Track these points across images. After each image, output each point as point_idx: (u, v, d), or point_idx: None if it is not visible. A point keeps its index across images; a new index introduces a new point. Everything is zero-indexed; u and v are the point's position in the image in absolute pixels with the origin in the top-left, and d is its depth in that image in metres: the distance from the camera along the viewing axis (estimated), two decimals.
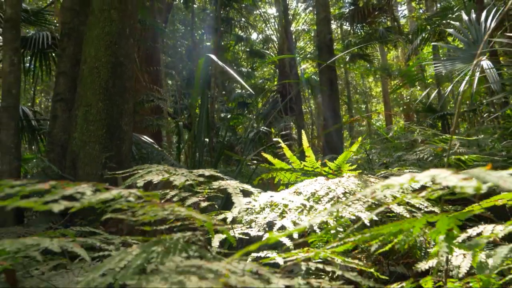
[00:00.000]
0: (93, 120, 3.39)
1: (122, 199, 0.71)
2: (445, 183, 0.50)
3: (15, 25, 3.29)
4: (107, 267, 0.72)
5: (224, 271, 0.59)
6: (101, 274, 0.72)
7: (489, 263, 1.11)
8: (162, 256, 0.70)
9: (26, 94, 12.28)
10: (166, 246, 0.73)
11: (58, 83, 3.88)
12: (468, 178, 0.48)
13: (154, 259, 0.70)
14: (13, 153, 3.14)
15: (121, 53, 3.66)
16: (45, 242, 0.74)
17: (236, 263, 0.65)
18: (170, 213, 0.70)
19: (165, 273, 0.59)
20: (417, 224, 0.79)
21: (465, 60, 2.84)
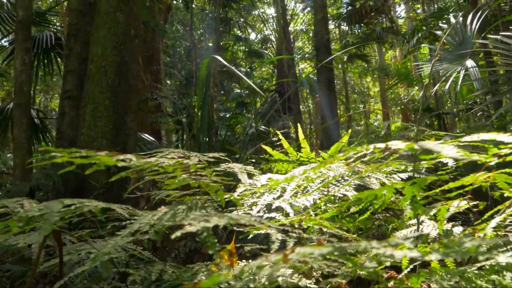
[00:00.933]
0: (101, 117, 3.60)
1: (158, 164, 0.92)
2: (394, 147, 0.71)
3: (26, 26, 3.49)
4: (144, 221, 0.93)
5: (236, 216, 0.80)
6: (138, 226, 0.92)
7: (454, 230, 1.32)
8: (186, 211, 0.91)
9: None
10: (189, 205, 0.94)
11: (65, 82, 4.08)
12: (409, 144, 0.69)
13: (179, 214, 0.91)
14: (25, 148, 3.33)
15: (126, 53, 3.87)
16: (91, 203, 0.95)
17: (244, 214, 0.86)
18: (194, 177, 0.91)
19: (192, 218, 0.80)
20: (388, 189, 1.00)
21: (452, 60, 3.07)
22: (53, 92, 15.37)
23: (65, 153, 0.74)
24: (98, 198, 1.26)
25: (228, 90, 14.33)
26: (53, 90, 15.15)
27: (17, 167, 3.31)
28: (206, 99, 3.64)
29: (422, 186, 1.00)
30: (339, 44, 14.17)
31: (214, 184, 1.00)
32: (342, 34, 14.81)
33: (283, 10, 11.90)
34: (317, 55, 9.04)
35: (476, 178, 1.14)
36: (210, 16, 13.28)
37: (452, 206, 1.36)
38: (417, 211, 1.02)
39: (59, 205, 0.80)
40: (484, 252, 1.20)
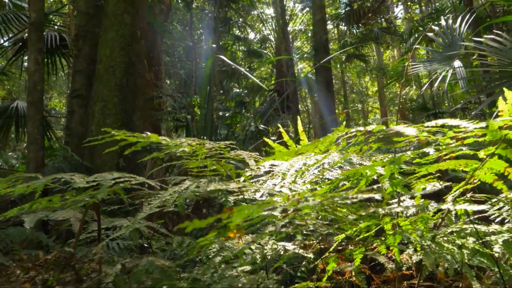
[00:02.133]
0: (109, 114, 3.83)
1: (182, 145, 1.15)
2: (369, 129, 0.94)
3: (39, 27, 3.72)
4: (172, 191, 1.17)
5: (248, 185, 1.04)
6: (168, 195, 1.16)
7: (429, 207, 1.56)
8: (207, 183, 1.14)
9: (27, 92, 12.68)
10: (209, 179, 1.18)
11: (74, 81, 4.31)
12: (379, 126, 0.93)
13: (202, 185, 1.14)
14: (39, 143, 3.56)
15: (133, 54, 4.11)
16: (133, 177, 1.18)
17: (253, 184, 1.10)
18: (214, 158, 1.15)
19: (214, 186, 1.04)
20: (371, 168, 1.24)
21: (441, 61, 3.31)
22: (52, 92, 15.57)
23: (121, 133, 0.98)
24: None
25: (228, 90, 14.55)
26: (53, 89, 15.34)
27: (31, 161, 3.53)
28: (209, 98, 3.88)
29: (398, 165, 1.23)
30: (338, 44, 14.43)
31: (228, 164, 1.23)
32: (340, 34, 15.06)
33: (282, 10, 12.15)
34: (316, 55, 9.29)
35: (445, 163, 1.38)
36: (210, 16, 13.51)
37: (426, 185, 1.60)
38: (396, 187, 1.26)
39: (111, 176, 1.03)
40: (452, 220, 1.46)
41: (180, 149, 1.18)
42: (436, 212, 1.49)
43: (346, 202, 0.85)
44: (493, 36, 2.72)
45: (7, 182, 1.11)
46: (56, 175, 1.15)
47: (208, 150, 1.21)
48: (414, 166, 1.39)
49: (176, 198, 1.27)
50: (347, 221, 1.11)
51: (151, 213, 1.20)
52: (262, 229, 1.03)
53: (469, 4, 6.95)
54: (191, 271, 1.33)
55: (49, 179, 1.11)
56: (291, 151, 1.64)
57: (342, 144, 1.32)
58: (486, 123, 1.05)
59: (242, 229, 1.67)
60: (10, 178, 1.12)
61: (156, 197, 1.28)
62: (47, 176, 1.13)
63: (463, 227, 1.34)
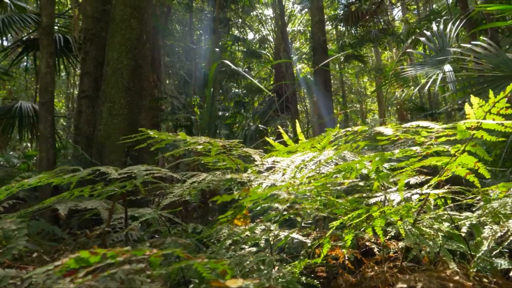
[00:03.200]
0: (117, 115, 4.04)
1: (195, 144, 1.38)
2: (356, 129, 1.17)
3: (50, 32, 3.93)
4: (191, 182, 1.40)
5: (255, 176, 1.27)
6: (187, 186, 1.38)
7: (413, 197, 1.79)
8: (221, 174, 1.37)
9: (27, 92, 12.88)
10: (223, 172, 1.40)
11: (82, 82, 4.52)
12: (362, 127, 1.16)
13: (217, 176, 1.37)
14: (50, 142, 3.77)
15: (139, 57, 4.32)
16: (153, 169, 1.41)
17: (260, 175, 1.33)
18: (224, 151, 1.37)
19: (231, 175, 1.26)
20: (360, 162, 1.47)
21: (432, 64, 3.55)
22: None
23: (154, 131, 1.20)
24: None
25: (227, 90, 14.77)
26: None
27: (43, 160, 3.75)
28: (213, 101, 4.10)
29: (383, 160, 1.46)
30: (336, 45, 14.67)
31: (237, 159, 1.46)
32: (339, 34, 15.30)
33: (281, 11, 12.38)
34: (314, 56, 9.51)
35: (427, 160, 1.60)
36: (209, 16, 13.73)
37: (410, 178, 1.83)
38: (381, 179, 1.49)
39: (143, 168, 1.25)
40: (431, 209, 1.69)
41: (196, 146, 1.40)
42: (418, 201, 1.73)
43: (336, 188, 1.08)
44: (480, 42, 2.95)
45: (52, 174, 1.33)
46: (93, 168, 1.37)
47: (222, 147, 1.44)
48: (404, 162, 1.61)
49: (191, 190, 1.50)
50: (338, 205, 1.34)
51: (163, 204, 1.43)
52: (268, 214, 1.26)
53: (464, 7, 7.20)
54: (206, 251, 1.56)
55: (88, 171, 1.33)
56: (291, 147, 1.86)
57: (334, 142, 1.54)
58: (453, 125, 1.28)
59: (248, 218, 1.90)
60: (55, 170, 1.34)
61: (175, 188, 1.50)
62: (87, 169, 1.35)
63: (439, 214, 1.57)
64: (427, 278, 1.08)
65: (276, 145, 2.71)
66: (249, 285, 0.76)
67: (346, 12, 11.62)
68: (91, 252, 0.75)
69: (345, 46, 13.37)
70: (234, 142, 1.54)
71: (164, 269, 0.78)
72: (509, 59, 2.78)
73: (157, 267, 0.78)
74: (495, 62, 2.77)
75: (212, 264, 0.82)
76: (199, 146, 1.47)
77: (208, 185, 1.39)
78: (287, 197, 1.10)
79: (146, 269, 0.74)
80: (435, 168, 2.53)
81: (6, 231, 0.97)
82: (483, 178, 2.59)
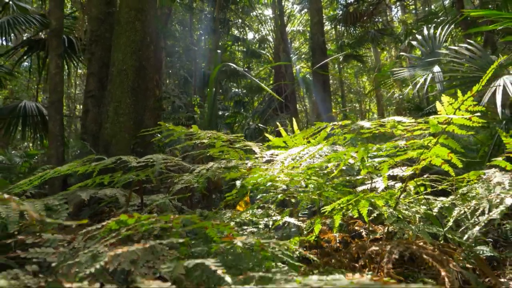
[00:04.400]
0: (123, 114, 4.27)
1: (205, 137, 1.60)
2: (341, 124, 1.40)
3: (58, 34, 4.16)
4: (198, 171, 1.62)
5: (258, 162, 1.50)
6: (194, 177, 1.61)
7: (396, 186, 2.02)
8: (226, 163, 1.59)
9: (29, 92, 13.10)
10: (227, 161, 1.63)
11: (88, 82, 4.75)
12: (345, 121, 1.38)
13: (223, 163, 1.59)
14: (59, 140, 4.00)
15: (143, 58, 4.55)
16: (168, 159, 1.63)
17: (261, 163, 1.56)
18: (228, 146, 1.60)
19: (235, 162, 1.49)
20: (347, 152, 1.69)
21: (422, 66, 3.78)
22: None
23: (170, 125, 1.43)
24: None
25: (226, 89, 14.99)
26: None
27: (52, 157, 3.97)
28: (215, 101, 4.33)
29: (367, 151, 1.69)
30: (335, 45, 14.90)
31: (240, 150, 1.69)
32: (338, 34, 15.53)
33: (280, 12, 12.61)
34: (313, 57, 9.74)
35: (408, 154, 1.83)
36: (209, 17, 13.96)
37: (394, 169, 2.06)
38: (366, 168, 1.72)
39: (161, 156, 1.48)
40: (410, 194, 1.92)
41: (203, 140, 1.63)
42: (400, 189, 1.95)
43: (324, 172, 1.30)
44: (467, 45, 3.19)
45: (80, 162, 1.55)
46: (116, 157, 1.60)
47: (226, 140, 1.66)
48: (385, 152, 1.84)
49: (199, 178, 1.72)
50: (325, 187, 1.56)
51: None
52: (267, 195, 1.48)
53: (460, 8, 7.43)
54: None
55: (112, 159, 1.55)
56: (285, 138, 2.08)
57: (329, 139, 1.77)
58: (425, 119, 1.51)
59: (249, 204, 2.13)
60: (83, 159, 1.57)
61: (185, 176, 1.73)
62: (111, 158, 1.58)
63: (417, 198, 1.80)
64: (396, 243, 1.31)
65: (275, 140, 2.94)
66: (251, 241, 0.99)
67: (345, 13, 11.86)
68: (129, 215, 0.97)
69: (344, 46, 13.60)
70: (234, 137, 1.77)
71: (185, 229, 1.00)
72: (492, 61, 3.01)
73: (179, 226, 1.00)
74: (480, 64, 2.99)
75: (221, 227, 1.05)
76: (205, 140, 1.70)
77: (215, 172, 1.61)
78: (283, 178, 1.33)
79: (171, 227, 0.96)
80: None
81: (51, 205, 1.19)
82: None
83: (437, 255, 1.17)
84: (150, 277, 0.88)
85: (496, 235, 2.95)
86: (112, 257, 1.01)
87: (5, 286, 0.69)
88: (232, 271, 0.90)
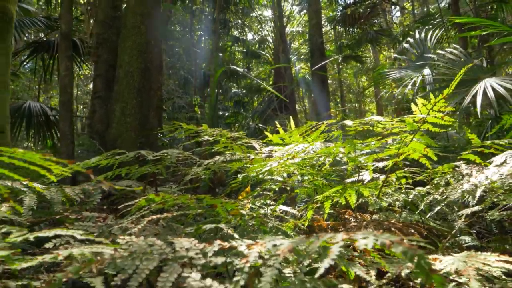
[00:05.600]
0: (129, 114, 4.54)
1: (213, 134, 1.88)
2: (328, 123, 1.67)
3: (68, 37, 4.42)
4: (206, 163, 1.89)
5: (259, 155, 1.77)
6: (203, 167, 1.88)
7: (380, 178, 2.29)
8: (231, 156, 1.87)
9: (30, 92, 13.36)
10: (232, 154, 1.90)
11: (95, 84, 5.02)
12: (331, 120, 1.66)
13: (228, 157, 1.87)
14: (69, 138, 4.26)
15: (148, 60, 4.82)
16: (182, 153, 1.90)
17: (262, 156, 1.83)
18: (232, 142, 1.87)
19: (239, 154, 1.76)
20: (336, 146, 1.96)
21: (413, 68, 4.06)
22: (52, 91, 16.27)
23: (184, 124, 1.70)
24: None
25: (226, 89, 15.27)
26: (54, 89, 16.04)
27: (63, 154, 4.23)
28: (216, 102, 4.60)
29: (353, 146, 1.96)
30: (335, 45, 15.18)
31: (243, 146, 1.96)
32: (337, 35, 15.82)
33: (280, 13, 12.89)
34: (312, 58, 10.02)
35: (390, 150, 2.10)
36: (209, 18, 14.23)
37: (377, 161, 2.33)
38: (353, 162, 1.99)
39: (177, 151, 1.75)
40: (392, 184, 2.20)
41: (210, 136, 1.90)
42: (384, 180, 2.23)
43: (316, 165, 1.57)
44: (451, 49, 3.46)
45: (104, 156, 1.82)
46: (136, 151, 1.87)
47: (230, 138, 1.94)
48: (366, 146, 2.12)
49: (205, 172, 1.99)
50: (315, 176, 1.84)
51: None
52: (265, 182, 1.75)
53: (455, 10, 7.71)
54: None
55: (134, 153, 1.82)
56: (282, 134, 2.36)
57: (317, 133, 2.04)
58: (400, 118, 1.78)
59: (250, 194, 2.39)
60: (107, 154, 1.84)
61: (193, 168, 2.00)
62: (132, 152, 1.85)
63: (398, 187, 2.07)
64: (371, 220, 1.58)
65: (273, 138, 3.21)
66: (253, 214, 1.26)
67: (343, 14, 12.14)
68: (156, 194, 1.24)
69: (343, 47, 13.88)
70: (237, 134, 2.05)
71: (200, 208, 1.28)
72: (475, 65, 3.28)
73: (194, 205, 1.27)
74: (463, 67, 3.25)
75: (228, 206, 1.32)
76: (212, 137, 1.97)
77: (220, 165, 1.89)
78: (279, 168, 1.60)
79: (188, 204, 1.24)
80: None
81: (86, 190, 1.46)
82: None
83: (404, 229, 1.44)
84: (178, 235, 1.15)
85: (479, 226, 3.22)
86: (139, 230, 1.28)
87: (76, 255, 0.95)
88: (239, 234, 1.16)
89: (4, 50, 2.41)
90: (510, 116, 2.82)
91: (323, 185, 1.99)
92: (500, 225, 3.21)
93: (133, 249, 0.87)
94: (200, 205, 1.28)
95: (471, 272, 0.95)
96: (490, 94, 2.90)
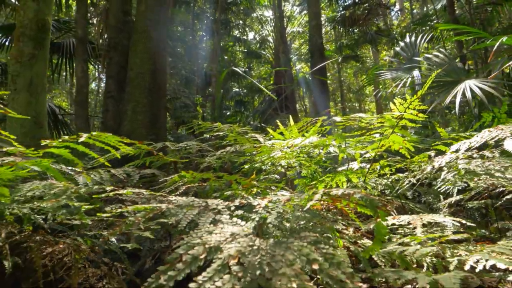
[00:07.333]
0: (140, 112, 4.96)
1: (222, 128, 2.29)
2: (321, 119, 2.09)
3: (84, 42, 4.84)
4: (216, 155, 2.31)
5: (262, 145, 2.19)
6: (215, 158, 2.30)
7: (367, 167, 2.70)
8: (240, 147, 2.28)
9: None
10: (240, 145, 2.32)
11: (108, 84, 5.44)
12: (323, 116, 2.07)
13: (238, 148, 2.28)
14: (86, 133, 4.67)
15: (157, 62, 5.24)
16: (200, 145, 2.32)
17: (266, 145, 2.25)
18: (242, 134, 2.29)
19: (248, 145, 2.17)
20: (328, 139, 2.38)
21: (404, 70, 4.47)
22: (55, 91, 16.69)
23: (199, 121, 2.10)
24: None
25: (227, 89, 15.69)
26: (55, 89, 16.46)
27: None
28: (221, 102, 5.01)
29: (343, 138, 2.37)
30: (335, 46, 15.59)
31: (250, 139, 2.38)
32: (337, 35, 16.23)
33: (280, 13, 13.31)
34: (312, 58, 10.42)
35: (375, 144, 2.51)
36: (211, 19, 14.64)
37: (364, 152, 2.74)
38: (343, 153, 2.40)
39: (195, 143, 2.16)
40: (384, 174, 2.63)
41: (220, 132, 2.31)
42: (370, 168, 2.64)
43: (312, 156, 1.99)
44: (437, 52, 3.87)
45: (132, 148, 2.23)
46: (163, 142, 2.28)
47: (240, 132, 2.35)
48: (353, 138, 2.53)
49: (217, 161, 2.40)
50: (308, 163, 2.25)
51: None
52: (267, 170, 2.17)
53: (451, 12, 8.12)
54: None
55: (160, 145, 2.23)
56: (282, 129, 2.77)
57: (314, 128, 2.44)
58: (381, 115, 2.19)
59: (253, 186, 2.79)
60: (135, 145, 2.25)
61: (207, 158, 2.41)
62: (159, 143, 2.26)
63: (382, 174, 2.48)
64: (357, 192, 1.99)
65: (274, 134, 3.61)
66: (260, 188, 1.67)
67: (343, 15, 12.55)
68: (186, 172, 1.65)
69: (343, 47, 14.30)
70: (245, 128, 2.46)
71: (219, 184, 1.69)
72: (458, 67, 3.68)
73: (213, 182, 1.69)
74: (447, 70, 3.66)
75: (242, 182, 1.73)
76: (222, 132, 2.39)
77: (231, 156, 2.29)
78: (281, 155, 2.01)
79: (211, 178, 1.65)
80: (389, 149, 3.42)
81: (128, 172, 1.87)
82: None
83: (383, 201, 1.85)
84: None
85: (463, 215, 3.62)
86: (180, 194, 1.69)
87: (140, 208, 1.36)
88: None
89: (43, 56, 2.81)
90: (488, 114, 3.24)
91: (316, 172, 2.40)
92: (481, 213, 3.62)
93: (180, 203, 1.28)
94: (220, 182, 1.69)
95: (418, 222, 1.36)
96: (468, 94, 3.30)
